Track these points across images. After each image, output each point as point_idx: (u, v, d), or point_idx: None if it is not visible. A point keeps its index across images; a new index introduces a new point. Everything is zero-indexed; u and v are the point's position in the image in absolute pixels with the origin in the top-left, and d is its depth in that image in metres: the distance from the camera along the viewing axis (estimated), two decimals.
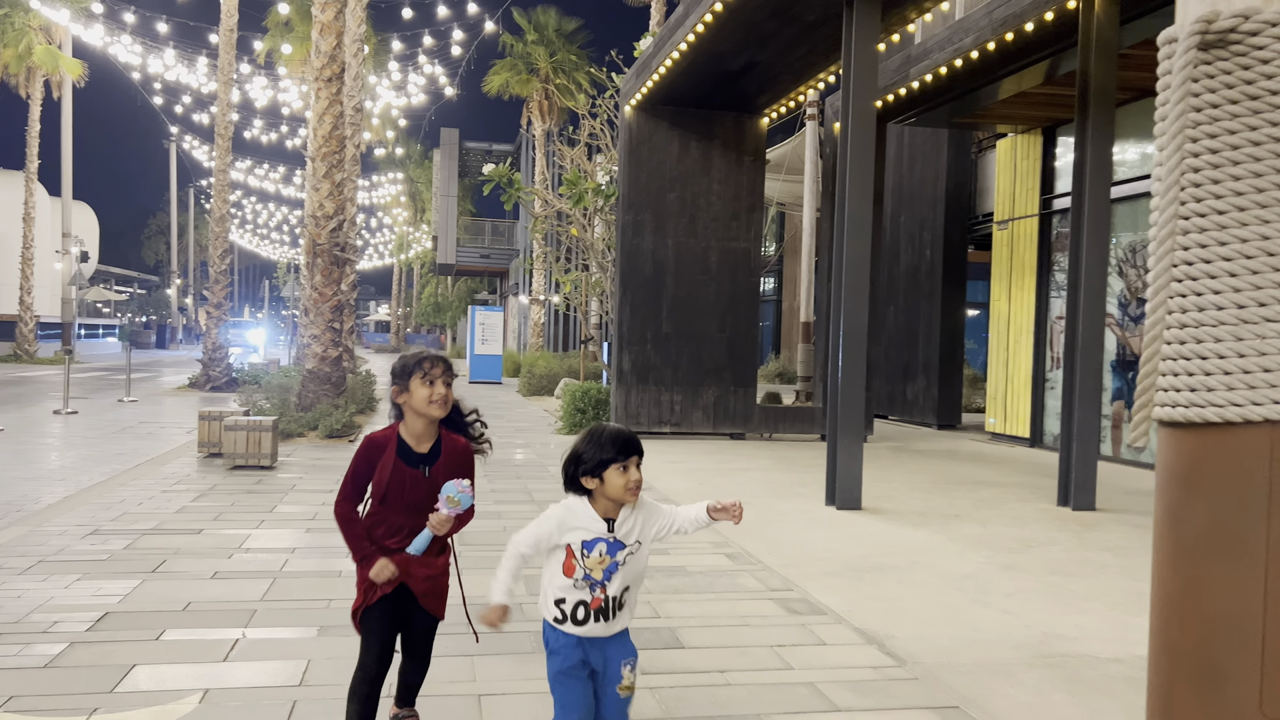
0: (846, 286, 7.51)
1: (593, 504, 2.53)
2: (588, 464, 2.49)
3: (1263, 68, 1.59)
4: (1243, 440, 1.64)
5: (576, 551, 2.49)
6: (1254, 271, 1.61)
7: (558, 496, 2.60)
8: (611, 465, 2.50)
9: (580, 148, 15.37)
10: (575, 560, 2.49)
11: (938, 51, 10.24)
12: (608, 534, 2.52)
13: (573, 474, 2.52)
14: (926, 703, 3.44)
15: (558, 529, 2.51)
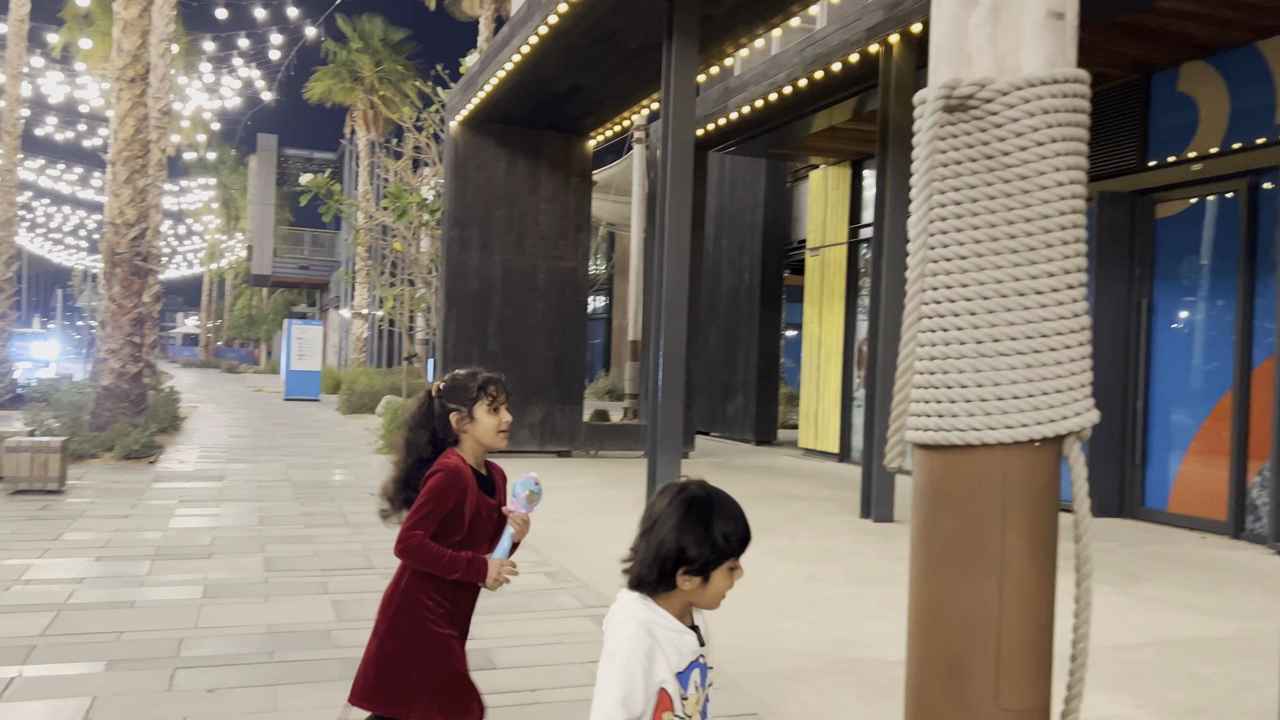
0: (666, 307, 7.73)
1: (665, 605, 1.84)
2: (700, 559, 1.82)
3: (996, 130, 1.80)
4: (981, 461, 1.83)
5: (674, 693, 1.77)
6: (990, 311, 1.81)
7: (372, 519, 2.54)
8: (728, 560, 1.90)
9: (405, 161, 15.11)
10: (674, 707, 1.76)
11: (754, 85, 10.71)
12: (699, 651, 1.88)
13: (667, 571, 1.81)
14: (728, 711, 3.59)
15: (647, 667, 1.74)
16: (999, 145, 1.80)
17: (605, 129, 12.47)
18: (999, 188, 1.80)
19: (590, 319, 35.53)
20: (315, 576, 5.49)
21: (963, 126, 1.83)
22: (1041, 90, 1.78)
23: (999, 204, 1.80)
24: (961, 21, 1.86)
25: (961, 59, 1.86)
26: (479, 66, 10.79)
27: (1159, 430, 8.71)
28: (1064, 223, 1.80)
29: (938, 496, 1.89)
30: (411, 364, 18.74)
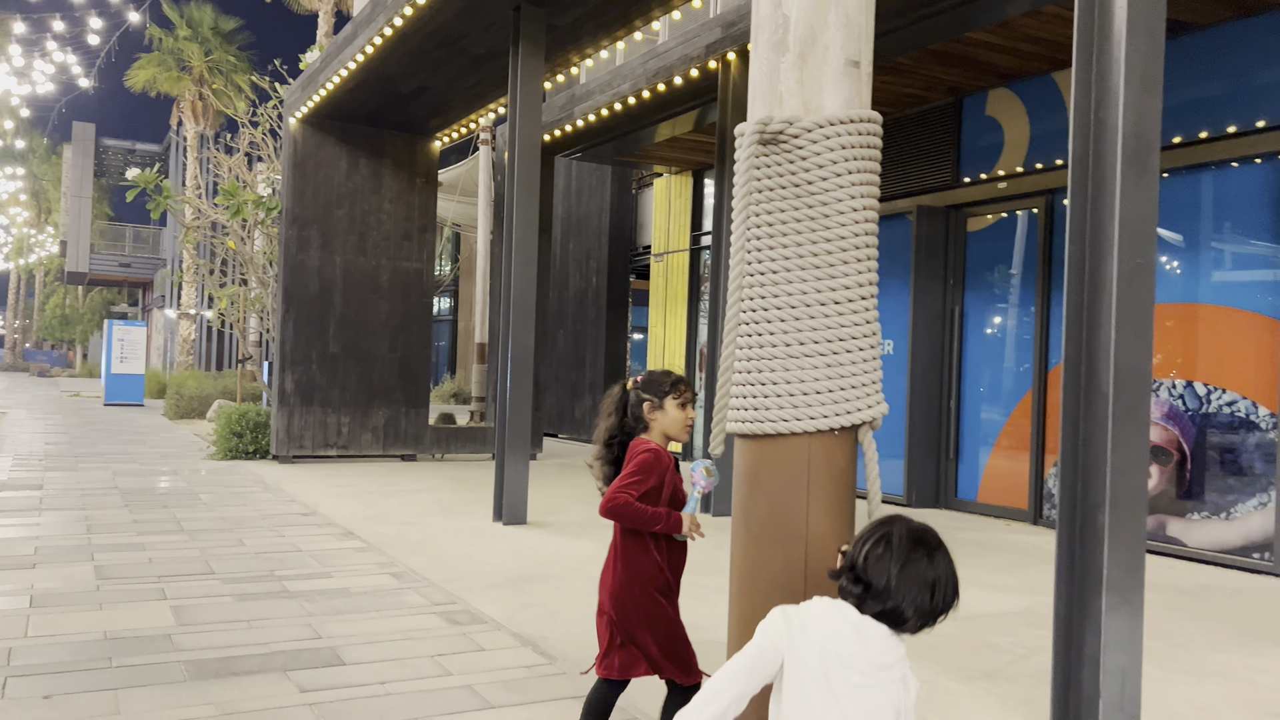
0: (514, 311, 7.87)
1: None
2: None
3: (802, 162, 2.08)
4: (790, 447, 2.11)
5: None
6: (796, 319, 2.09)
7: (208, 525, 2.60)
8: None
9: (239, 156, 14.61)
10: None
11: (599, 94, 10.97)
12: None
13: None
14: (573, 693, 3.80)
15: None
16: (805, 175, 2.08)
17: (451, 130, 12.46)
18: (805, 212, 2.08)
19: (435, 320, 35.06)
20: (151, 583, 5.36)
21: (775, 158, 2.10)
22: (840, 129, 2.07)
23: (805, 226, 2.08)
24: (774, 65, 2.13)
25: (774, 98, 2.13)
26: (320, 64, 10.61)
27: (970, 427, 9.48)
28: (858, 243, 2.09)
29: (754, 479, 2.16)
30: (245, 367, 18.08)
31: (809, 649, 1.70)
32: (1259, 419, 6.98)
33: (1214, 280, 7.37)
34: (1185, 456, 7.40)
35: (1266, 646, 4.83)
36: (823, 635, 1.70)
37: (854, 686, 1.69)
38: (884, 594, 1.70)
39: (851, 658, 1.70)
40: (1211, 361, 7.33)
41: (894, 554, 1.70)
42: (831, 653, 1.69)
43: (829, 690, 1.69)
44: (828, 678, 1.69)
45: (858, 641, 1.70)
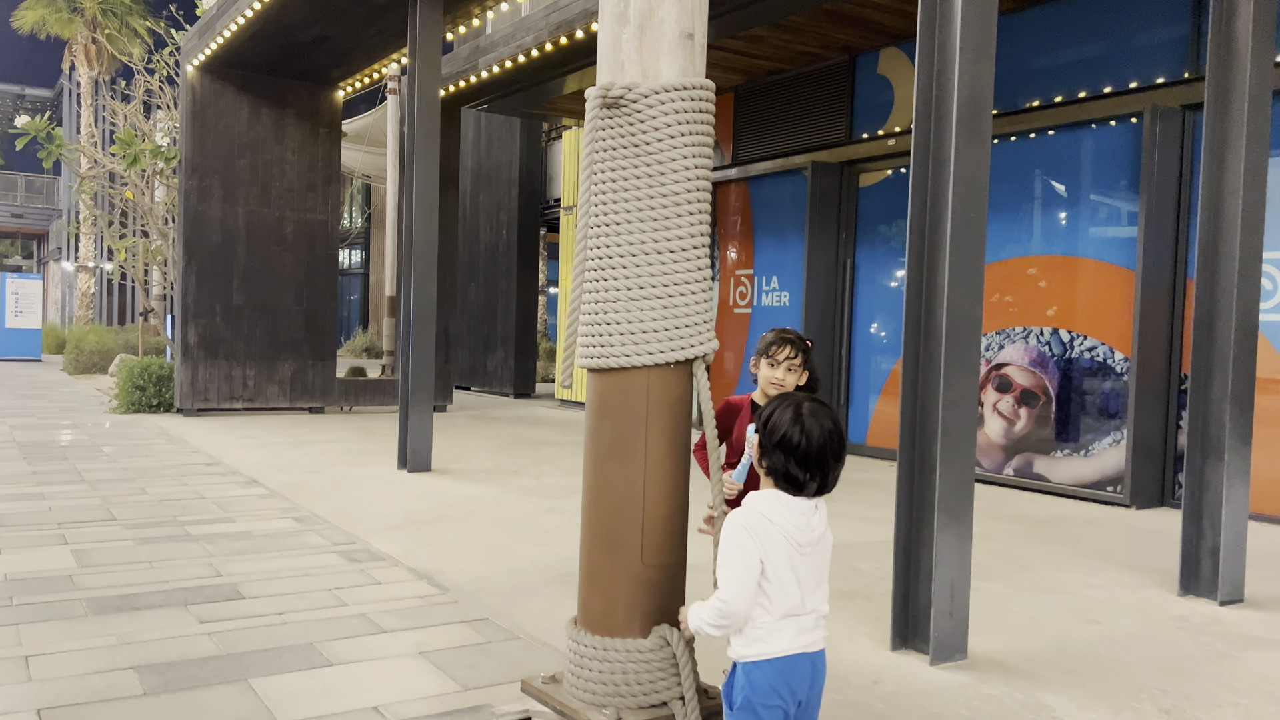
0: (416, 263, 7.99)
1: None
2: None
3: (640, 124, 2.33)
4: (631, 380, 2.38)
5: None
6: (637, 265, 2.35)
7: (110, 476, 2.74)
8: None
9: (136, 104, 14.19)
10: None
11: (503, 46, 11.00)
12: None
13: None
14: (462, 618, 4.07)
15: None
16: (643, 136, 2.33)
17: (355, 80, 12.34)
18: (643, 170, 2.33)
19: (348, 274, 34.57)
20: (51, 529, 5.43)
21: (617, 120, 2.34)
22: (675, 94, 2.32)
23: (643, 183, 2.33)
24: (616, 36, 2.37)
25: (617, 66, 2.37)
26: (217, 10, 10.41)
27: (860, 374, 9.96)
28: (691, 199, 2.36)
29: (601, 407, 2.43)
30: (148, 320, 17.70)
31: (776, 544, 2.09)
32: (1115, 363, 7.55)
33: (1079, 234, 7.88)
34: (1051, 399, 7.96)
35: (1101, 566, 5.35)
36: (784, 528, 2.10)
37: (805, 557, 2.13)
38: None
39: (804, 535, 2.12)
40: (1075, 310, 7.87)
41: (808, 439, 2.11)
42: (792, 538, 2.10)
43: (792, 568, 2.11)
44: (791, 560, 2.11)
45: (805, 521, 2.12)
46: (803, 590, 2.13)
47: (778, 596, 2.10)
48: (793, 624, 2.12)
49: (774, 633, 2.11)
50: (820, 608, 2.18)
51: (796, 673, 2.12)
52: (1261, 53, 4.64)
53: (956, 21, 3.60)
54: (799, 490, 2.11)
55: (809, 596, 2.15)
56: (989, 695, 3.41)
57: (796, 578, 2.12)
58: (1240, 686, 3.56)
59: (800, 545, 2.12)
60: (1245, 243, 4.62)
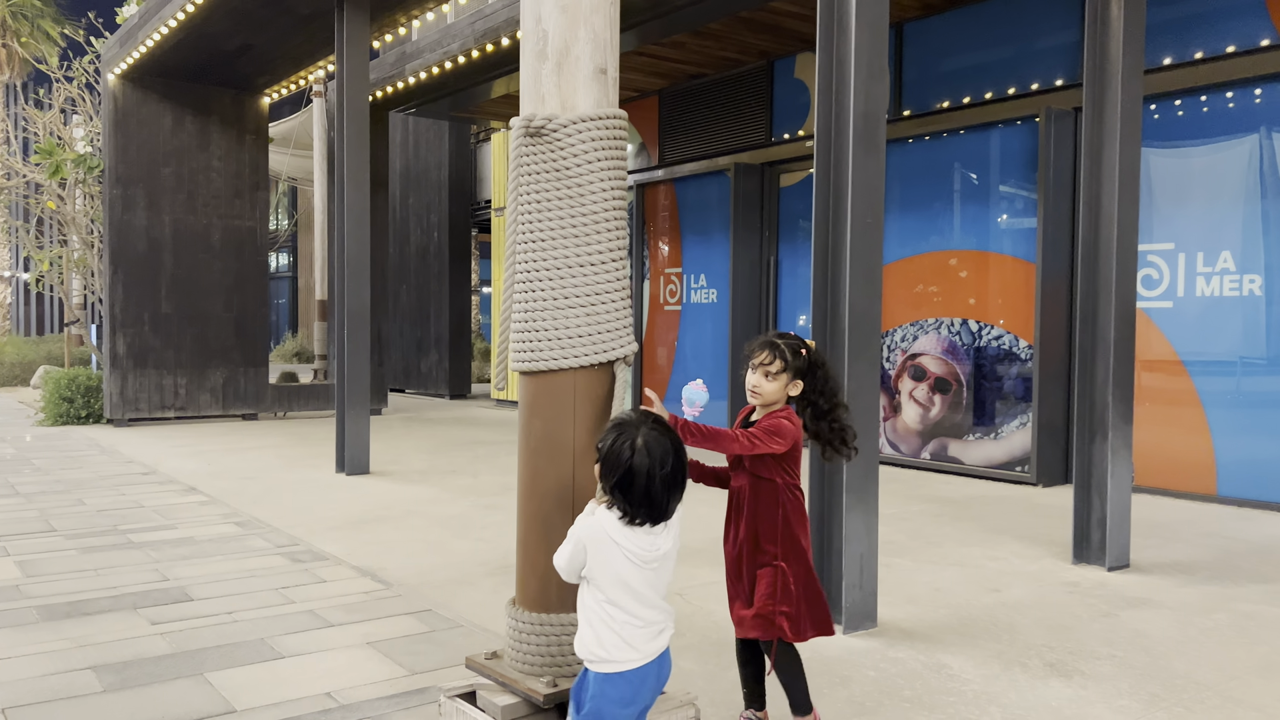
0: (348, 267, 8.12)
1: None
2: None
3: (560, 151, 2.58)
4: (559, 381, 2.63)
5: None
6: (561, 277, 2.60)
7: (44, 488, 2.89)
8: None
9: (55, 112, 13.96)
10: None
11: (430, 52, 11.14)
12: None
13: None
14: (406, 610, 4.28)
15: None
16: (563, 162, 2.58)
17: (282, 86, 12.35)
18: (564, 192, 2.59)
19: (276, 278, 34.09)
20: None
21: (539, 148, 2.60)
22: (591, 124, 2.59)
23: (564, 203, 2.59)
24: (537, 71, 2.62)
25: (538, 98, 2.63)
26: (139, 19, 10.36)
27: None
28: (608, 217, 2.62)
29: (533, 407, 2.69)
30: (72, 330, 17.38)
31: (615, 562, 2.26)
32: (1020, 350, 8.03)
33: (986, 229, 8.35)
34: (963, 386, 8.42)
35: (1005, 540, 5.77)
36: (627, 549, 2.26)
37: (651, 572, 2.28)
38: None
39: (649, 554, 2.27)
40: (983, 302, 8.33)
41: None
42: (636, 557, 2.25)
43: (632, 585, 2.27)
44: (632, 576, 2.26)
45: (651, 540, 2.28)
46: (645, 603, 2.24)
47: (621, 615, 2.23)
48: (639, 634, 2.24)
49: (623, 648, 2.23)
50: (664, 617, 2.28)
51: (644, 683, 2.26)
52: (1132, 63, 5.07)
53: (851, 43, 3.92)
54: (630, 522, 2.21)
55: (651, 608, 2.25)
56: (894, 658, 3.74)
57: (635, 593, 2.22)
58: (1118, 641, 3.96)
59: (645, 562, 2.22)
60: (1122, 238, 5.05)
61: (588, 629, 2.28)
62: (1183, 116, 7.21)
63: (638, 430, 2.23)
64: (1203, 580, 4.88)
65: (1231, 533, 5.98)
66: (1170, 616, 4.28)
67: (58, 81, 13.99)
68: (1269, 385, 6.79)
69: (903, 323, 8.88)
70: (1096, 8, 5.10)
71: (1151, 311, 7.30)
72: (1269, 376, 6.79)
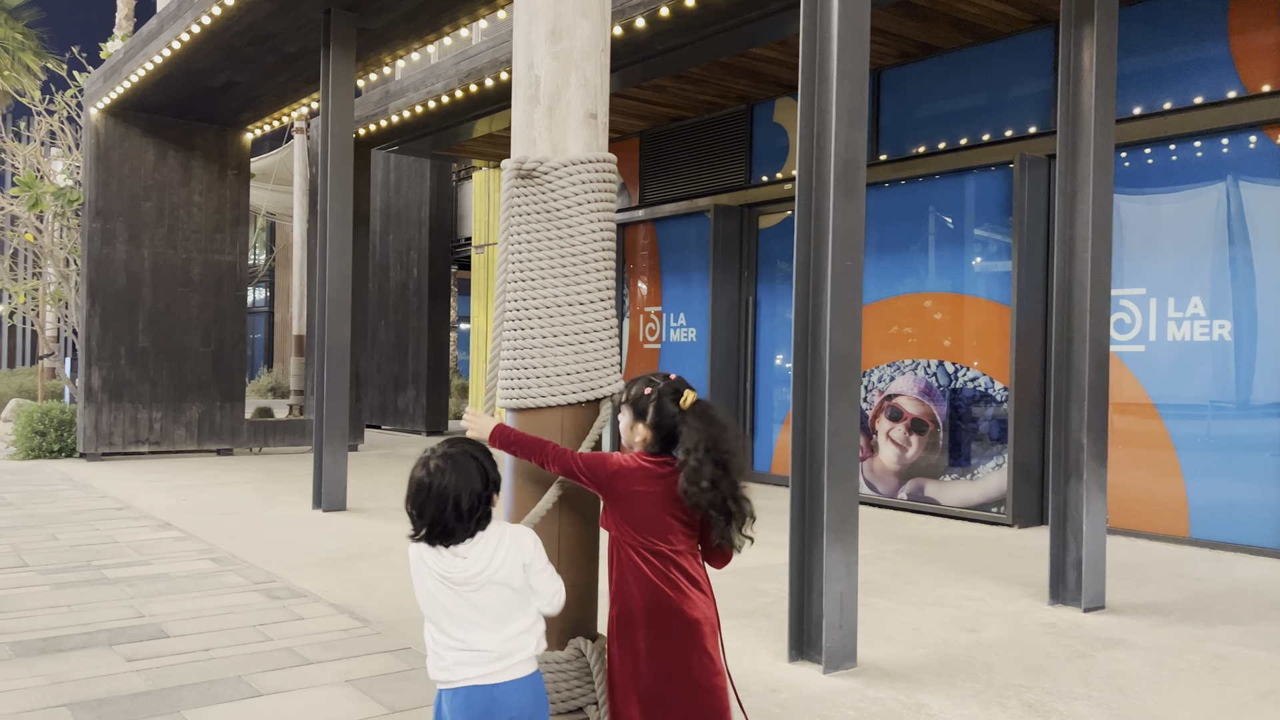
0: (329, 304, 8.13)
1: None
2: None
3: (551, 193, 2.64)
4: (547, 417, 2.67)
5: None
6: (550, 316, 2.65)
7: (15, 523, 2.89)
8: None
9: (35, 145, 13.94)
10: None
11: (413, 91, 11.25)
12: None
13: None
14: (385, 648, 4.26)
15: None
16: (553, 203, 2.64)
17: (265, 122, 12.40)
18: (554, 233, 2.64)
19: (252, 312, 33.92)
20: None
21: (530, 189, 2.65)
22: (581, 167, 2.65)
23: (554, 244, 2.64)
24: (529, 115, 2.68)
25: (530, 141, 2.69)
26: (123, 55, 10.40)
27: (764, 406, 10.40)
28: (597, 258, 2.67)
29: None
30: (45, 363, 17.19)
31: (425, 582, 2.30)
32: (995, 392, 8.13)
33: (962, 272, 8.48)
34: (939, 426, 8.50)
35: (982, 580, 5.81)
36: (433, 569, 2.29)
37: (465, 595, 2.26)
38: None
39: (456, 574, 2.26)
40: (959, 344, 8.45)
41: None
42: (444, 578, 2.26)
43: (445, 605, 2.27)
44: (444, 597, 2.26)
45: (452, 562, 2.28)
46: (463, 625, 2.23)
47: (435, 632, 2.25)
48: (453, 656, 2.23)
49: (434, 666, 2.27)
50: (498, 645, 2.23)
51: (474, 703, 2.21)
52: (1104, 112, 5.22)
53: (832, 92, 4.03)
54: (424, 540, 2.25)
55: (475, 632, 2.22)
56: (874, 698, 3.76)
57: (450, 614, 2.23)
58: (1094, 681, 4.00)
59: (455, 584, 2.21)
60: (1095, 283, 5.16)
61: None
62: (1153, 165, 7.40)
63: (439, 450, 2.26)
64: (1176, 621, 4.94)
65: (1204, 574, 6.06)
66: (1145, 657, 4.32)
67: (39, 114, 13.98)
68: (1239, 429, 6.92)
69: (880, 363, 8.98)
70: (1070, 58, 5.26)
71: (1124, 355, 7.43)
72: (1239, 420, 6.92)
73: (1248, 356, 6.87)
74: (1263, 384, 6.82)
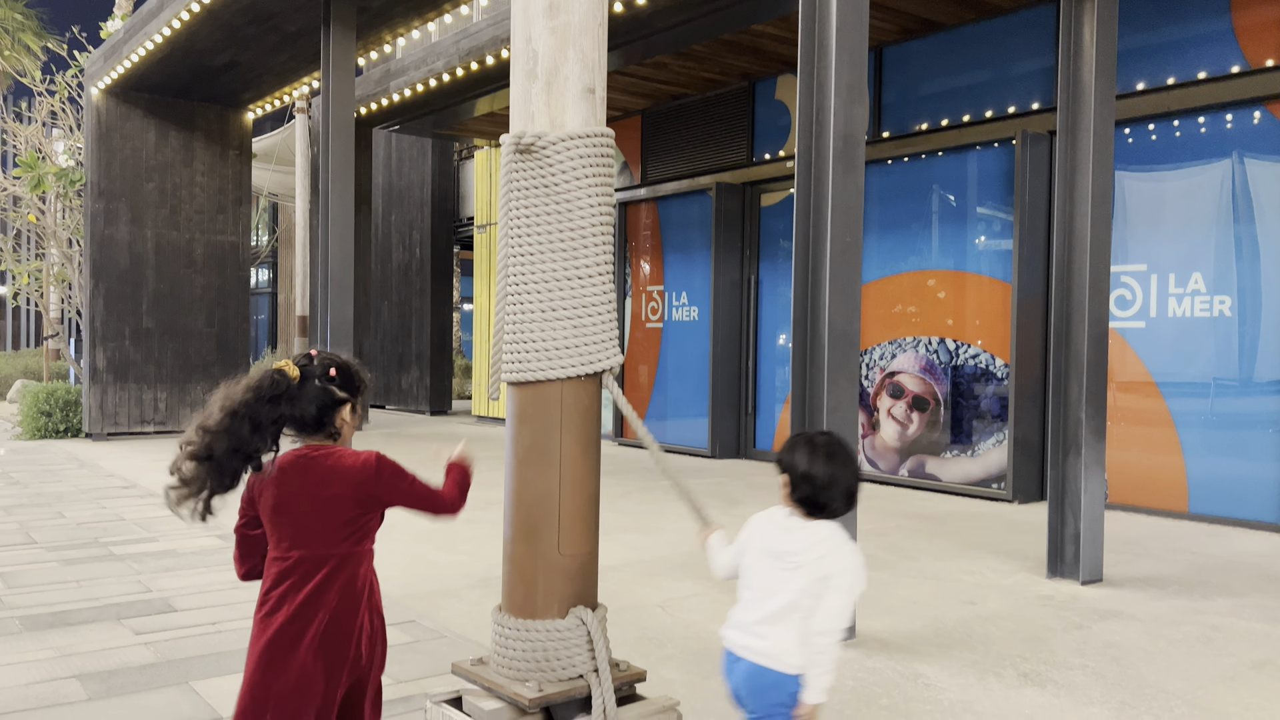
0: (332, 284, 8.15)
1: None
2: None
3: (549, 168, 2.65)
4: (547, 391, 2.70)
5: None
6: (550, 291, 2.67)
7: (23, 501, 2.89)
8: None
9: (37, 125, 13.94)
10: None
11: (414, 70, 11.23)
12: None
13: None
14: (390, 621, 4.28)
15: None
16: (551, 178, 2.66)
17: (266, 102, 12.39)
18: (552, 207, 2.66)
19: (255, 293, 33.94)
20: None
21: (529, 164, 2.67)
22: (579, 142, 2.66)
23: (553, 218, 2.66)
24: (527, 90, 2.70)
25: (528, 116, 2.70)
26: (124, 35, 10.39)
27: (765, 384, 10.43)
28: (595, 232, 2.69)
29: (522, 416, 2.75)
30: (49, 344, 17.26)
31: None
32: (996, 369, 8.15)
33: (964, 250, 8.48)
34: (940, 404, 8.53)
35: (981, 555, 5.85)
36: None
37: (776, 569, 2.36)
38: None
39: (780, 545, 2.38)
40: (960, 321, 8.46)
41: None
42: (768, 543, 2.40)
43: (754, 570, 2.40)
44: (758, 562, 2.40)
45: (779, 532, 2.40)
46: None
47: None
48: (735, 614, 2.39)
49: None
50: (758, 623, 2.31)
51: (729, 667, 2.37)
52: (1104, 88, 5.21)
53: (831, 67, 4.03)
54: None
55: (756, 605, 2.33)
56: (872, 668, 3.81)
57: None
58: (1090, 652, 4.04)
59: (777, 554, 2.34)
60: (1095, 259, 5.17)
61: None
62: (1156, 141, 7.39)
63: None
64: (1173, 594, 4.98)
65: (1201, 548, 6.10)
66: (1141, 628, 4.37)
67: (40, 95, 13.97)
68: (1239, 405, 6.94)
69: (881, 341, 9.00)
70: (1070, 33, 5.25)
71: (1125, 332, 7.45)
72: (1239, 396, 6.94)
73: (1249, 333, 6.89)
74: (1263, 360, 6.83)
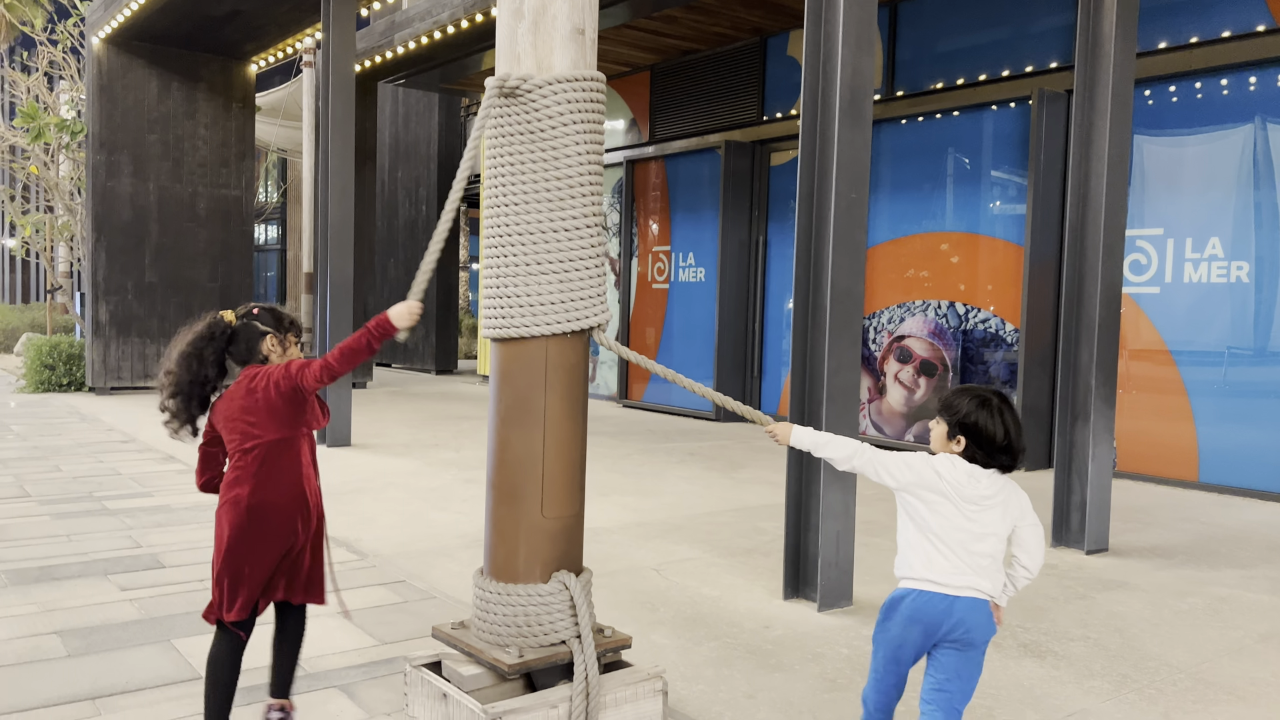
0: (331, 239, 8.04)
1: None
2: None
3: (535, 113, 2.52)
4: (530, 349, 2.59)
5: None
6: (534, 243, 2.55)
7: (21, 454, 2.83)
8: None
9: (39, 76, 13.77)
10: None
11: (419, 21, 11.01)
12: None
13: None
14: (380, 581, 4.25)
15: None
16: (537, 124, 2.53)
17: (269, 54, 12.19)
18: (537, 155, 2.53)
19: (263, 250, 33.85)
20: None
21: (513, 109, 2.54)
22: (567, 85, 2.53)
23: (538, 166, 2.53)
24: (513, 30, 2.56)
25: (514, 58, 2.56)
26: None
27: (773, 347, 10.31)
28: (583, 181, 2.57)
29: (503, 374, 2.64)
30: (55, 298, 17.23)
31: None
32: (1006, 334, 8.01)
33: (976, 212, 8.30)
34: (949, 368, 8.40)
35: None
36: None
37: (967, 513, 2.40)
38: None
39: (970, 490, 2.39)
40: (970, 285, 8.30)
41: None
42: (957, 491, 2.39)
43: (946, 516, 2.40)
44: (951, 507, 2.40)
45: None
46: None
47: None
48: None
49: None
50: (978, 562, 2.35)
51: (931, 606, 2.38)
52: (1124, 45, 5.02)
53: (839, 15, 3.86)
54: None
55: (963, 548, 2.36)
56: (868, 636, 3.72)
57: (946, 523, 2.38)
58: (1092, 623, 3.95)
59: (972, 500, 2.35)
60: (1109, 222, 5.01)
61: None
62: (1177, 103, 7.17)
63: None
64: (1179, 564, 4.88)
65: (1210, 518, 5.99)
66: (1145, 599, 4.28)
67: (42, 45, 13.79)
68: (1254, 374, 6.79)
69: (889, 304, 8.85)
70: None
71: (1139, 297, 7.28)
72: (1254, 366, 6.79)
73: (1266, 299, 6.72)
74: None
